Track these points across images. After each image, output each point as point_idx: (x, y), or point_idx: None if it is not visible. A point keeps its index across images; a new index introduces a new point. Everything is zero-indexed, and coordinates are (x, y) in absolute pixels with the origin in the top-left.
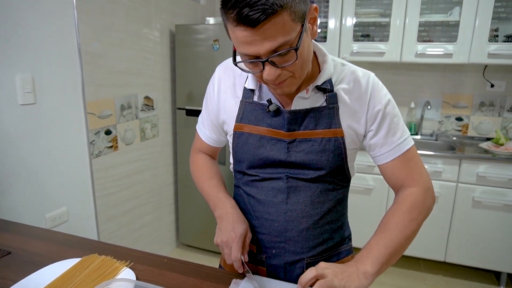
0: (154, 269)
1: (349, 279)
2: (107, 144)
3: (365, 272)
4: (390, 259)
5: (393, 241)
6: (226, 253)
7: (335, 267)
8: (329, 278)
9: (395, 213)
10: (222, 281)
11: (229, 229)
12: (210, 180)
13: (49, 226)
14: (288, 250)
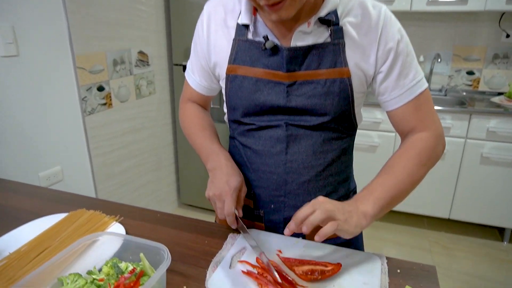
0: (146, 224)
1: (349, 216)
2: (100, 101)
3: (365, 212)
4: (391, 202)
5: (398, 185)
6: (219, 207)
7: (336, 203)
8: (331, 209)
9: (403, 156)
10: (218, 236)
11: (222, 181)
12: (202, 131)
13: (44, 185)
14: (288, 205)
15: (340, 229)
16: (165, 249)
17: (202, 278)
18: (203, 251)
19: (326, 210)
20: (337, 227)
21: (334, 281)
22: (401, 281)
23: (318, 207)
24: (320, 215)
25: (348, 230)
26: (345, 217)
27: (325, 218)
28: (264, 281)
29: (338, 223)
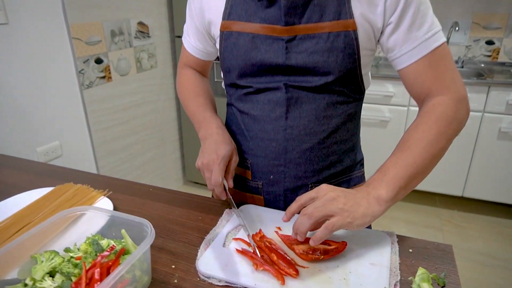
0: (137, 198)
1: (355, 204)
2: (99, 74)
3: (378, 197)
4: (410, 182)
5: (415, 161)
6: (207, 177)
7: (341, 191)
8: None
9: (419, 127)
10: (213, 212)
11: (211, 150)
12: (196, 97)
13: (43, 161)
14: (288, 175)
15: (341, 226)
16: (149, 225)
17: (192, 257)
18: (196, 228)
19: (323, 206)
20: (332, 229)
21: (338, 261)
22: (414, 261)
23: (317, 204)
24: (316, 216)
25: (354, 223)
26: (346, 208)
27: (323, 216)
28: (260, 261)
29: (334, 224)
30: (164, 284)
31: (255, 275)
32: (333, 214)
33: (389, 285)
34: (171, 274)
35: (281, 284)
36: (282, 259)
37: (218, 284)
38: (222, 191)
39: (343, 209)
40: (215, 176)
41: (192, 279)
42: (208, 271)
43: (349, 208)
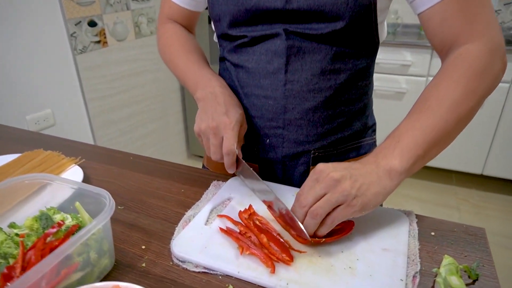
0: (114, 168)
1: (364, 184)
2: (93, 39)
3: (390, 169)
4: (429, 151)
5: (436, 124)
6: (213, 144)
7: (344, 168)
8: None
9: (442, 82)
10: (199, 184)
11: (220, 112)
12: (187, 54)
13: (34, 129)
14: (288, 139)
15: (347, 217)
16: (107, 195)
17: (168, 237)
18: (176, 202)
19: (328, 200)
20: (334, 223)
21: (343, 245)
22: (437, 247)
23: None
24: (321, 214)
25: (364, 210)
26: (354, 192)
27: (330, 210)
28: (246, 243)
29: (338, 217)
30: (129, 268)
31: (240, 261)
32: (341, 203)
33: (407, 276)
34: (139, 256)
35: (271, 272)
36: (274, 241)
37: (194, 270)
38: (234, 162)
39: (350, 194)
40: (229, 142)
41: (164, 263)
42: (183, 253)
43: (357, 191)
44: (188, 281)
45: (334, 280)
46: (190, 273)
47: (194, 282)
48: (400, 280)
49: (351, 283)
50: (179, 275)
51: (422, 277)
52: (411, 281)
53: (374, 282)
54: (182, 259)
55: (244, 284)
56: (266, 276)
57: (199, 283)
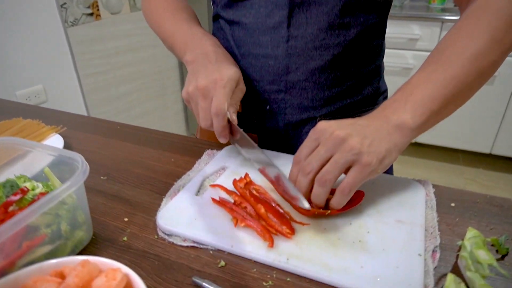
0: (99, 137)
1: (375, 140)
2: (85, 11)
3: (401, 124)
4: (446, 106)
5: (455, 77)
6: (202, 107)
7: (349, 124)
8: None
9: (462, 31)
10: (191, 153)
11: (211, 70)
12: (174, 14)
13: None
14: (290, 104)
15: (362, 181)
16: (80, 159)
17: (154, 209)
18: (166, 172)
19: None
20: (351, 192)
21: (351, 217)
22: (458, 219)
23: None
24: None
25: (379, 169)
26: (365, 148)
27: (340, 174)
28: (241, 214)
29: (352, 183)
30: (108, 242)
31: (234, 234)
32: (351, 163)
33: (425, 251)
34: (121, 229)
35: (269, 246)
36: (273, 212)
37: (182, 244)
38: (225, 125)
39: (362, 152)
40: (218, 101)
41: (148, 236)
42: (170, 226)
43: (368, 148)
44: (174, 256)
45: (342, 256)
46: (177, 247)
47: (180, 257)
48: (418, 255)
49: (361, 259)
50: (165, 249)
51: (443, 252)
52: (431, 256)
53: (388, 257)
54: (168, 232)
55: (238, 259)
56: (263, 251)
57: (186, 258)
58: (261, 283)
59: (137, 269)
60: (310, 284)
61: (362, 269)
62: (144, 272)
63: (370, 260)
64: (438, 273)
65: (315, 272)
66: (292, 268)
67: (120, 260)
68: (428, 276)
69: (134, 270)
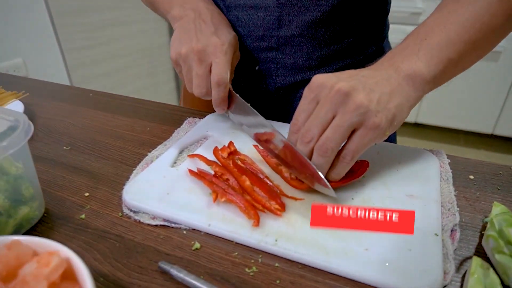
0: (67, 105)
1: (384, 92)
2: None
3: (414, 74)
4: (466, 54)
5: (479, 17)
6: (198, 73)
7: (351, 76)
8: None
9: None
10: (170, 121)
11: (207, 32)
12: None
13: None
14: (282, 64)
15: (370, 143)
16: (22, 118)
17: (121, 182)
18: (139, 142)
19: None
20: (355, 157)
21: (353, 191)
22: (479, 194)
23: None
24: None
25: (390, 129)
26: (376, 110)
27: (345, 138)
28: (222, 188)
29: (359, 147)
30: (62, 221)
31: (213, 211)
32: (358, 125)
33: (443, 230)
34: (79, 206)
35: (254, 225)
36: (260, 185)
37: (150, 222)
38: (226, 96)
39: (369, 111)
40: (220, 69)
41: (110, 214)
42: (137, 201)
43: (377, 105)
44: (139, 237)
45: (342, 236)
46: (144, 227)
47: (147, 238)
48: (435, 235)
49: (365, 240)
50: (129, 229)
51: (463, 231)
52: (449, 236)
53: (398, 238)
54: (135, 208)
55: (216, 241)
56: (247, 230)
57: (154, 239)
58: (243, 269)
59: (92, 252)
60: (303, 270)
61: (367, 252)
62: (100, 256)
63: (377, 241)
64: (459, 256)
65: (310, 255)
66: (282, 251)
67: (73, 242)
68: (447, 260)
69: (88, 254)
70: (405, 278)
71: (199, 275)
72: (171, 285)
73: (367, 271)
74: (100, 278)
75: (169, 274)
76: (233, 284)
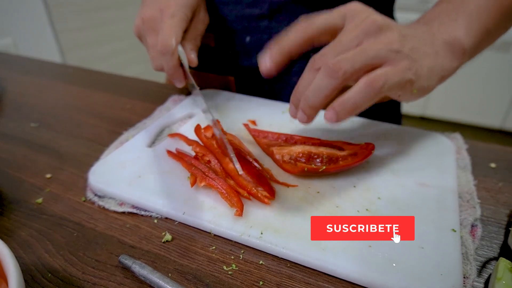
0: (43, 80)
1: (418, 47)
2: None
3: (453, 41)
4: (500, 24)
5: None
6: (149, 44)
7: (387, 20)
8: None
9: None
10: (153, 99)
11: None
12: None
13: None
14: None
15: (395, 85)
16: None
17: (89, 163)
18: (117, 120)
19: (364, 49)
20: (380, 88)
21: (355, 177)
22: (502, 184)
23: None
24: (347, 70)
25: (416, 84)
26: (408, 57)
27: (365, 64)
28: (201, 170)
29: (386, 79)
30: (15, 205)
31: (190, 197)
32: (383, 62)
33: (461, 225)
34: (38, 188)
35: (236, 214)
36: (248, 169)
37: (116, 209)
38: (176, 65)
39: (400, 52)
40: (163, 35)
41: (72, 198)
42: (103, 185)
43: (410, 51)
44: (102, 225)
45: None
46: (109, 214)
47: (111, 227)
48: (452, 231)
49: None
50: (91, 216)
51: (485, 227)
52: (469, 233)
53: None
54: (100, 192)
55: (192, 232)
56: (228, 221)
57: (119, 229)
58: (221, 267)
59: (44, 243)
60: (293, 270)
61: (370, 250)
62: (53, 247)
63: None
64: (481, 257)
65: (301, 252)
66: (268, 246)
67: (23, 229)
68: (467, 262)
69: (39, 244)
70: (415, 282)
71: (167, 273)
72: (132, 283)
73: (370, 272)
74: (48, 274)
75: (131, 270)
76: (207, 284)
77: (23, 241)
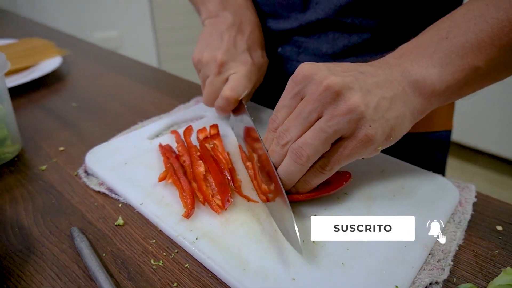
0: (103, 69)
1: (384, 96)
2: None
3: (422, 81)
4: (499, 60)
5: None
6: (211, 83)
7: (341, 70)
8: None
9: None
10: (181, 97)
11: (240, 46)
12: None
13: None
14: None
15: (358, 155)
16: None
17: (98, 144)
18: (140, 111)
19: (322, 129)
20: (332, 168)
21: (323, 207)
22: (498, 252)
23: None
24: (310, 158)
25: (389, 140)
26: (372, 120)
27: (325, 142)
28: (173, 167)
29: (341, 160)
30: (25, 167)
31: (155, 191)
32: (345, 133)
33: (413, 284)
34: (49, 157)
35: (183, 215)
36: (216, 176)
37: (94, 188)
38: (229, 111)
39: (363, 119)
40: (237, 85)
41: (68, 171)
42: (93, 165)
43: (373, 112)
44: (77, 199)
45: (272, 256)
46: (88, 191)
47: (83, 202)
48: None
49: (295, 267)
50: (73, 190)
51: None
52: None
53: (344, 274)
54: (89, 170)
55: (142, 223)
56: (174, 220)
57: (88, 205)
58: (149, 260)
59: (27, 203)
60: (212, 281)
61: (292, 284)
62: (31, 208)
63: (310, 273)
64: None
65: (223, 267)
66: (196, 253)
67: (18, 188)
68: None
69: (23, 203)
70: None
71: (102, 253)
72: (72, 253)
73: None
74: (16, 228)
75: (73, 242)
76: (129, 272)
77: (13, 198)
